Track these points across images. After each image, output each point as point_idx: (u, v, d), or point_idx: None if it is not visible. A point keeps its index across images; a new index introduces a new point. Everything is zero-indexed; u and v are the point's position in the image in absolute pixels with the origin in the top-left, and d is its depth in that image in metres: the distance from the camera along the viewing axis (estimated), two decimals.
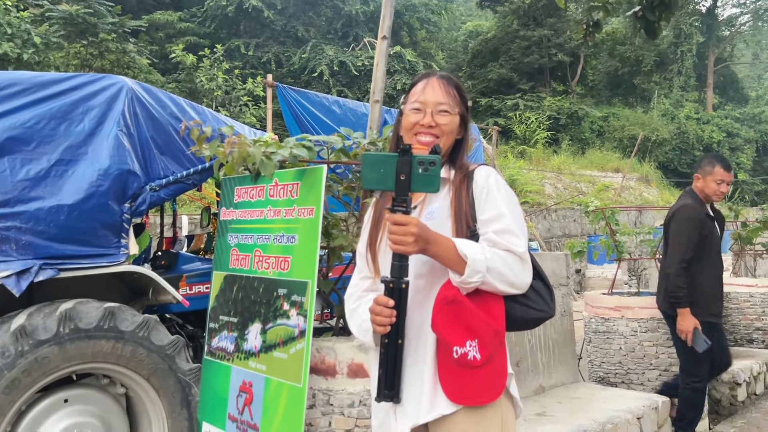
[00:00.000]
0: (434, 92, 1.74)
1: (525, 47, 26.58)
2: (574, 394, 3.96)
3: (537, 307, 1.66)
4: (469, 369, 1.55)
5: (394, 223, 1.50)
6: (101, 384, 3.24)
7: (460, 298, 1.57)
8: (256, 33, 22.66)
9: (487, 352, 1.55)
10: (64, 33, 13.97)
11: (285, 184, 2.61)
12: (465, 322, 1.56)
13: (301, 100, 7.22)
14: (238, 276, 2.84)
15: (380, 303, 1.54)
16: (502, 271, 1.57)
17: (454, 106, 1.74)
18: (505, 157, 19.58)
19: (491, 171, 1.73)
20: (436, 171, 1.48)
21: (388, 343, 1.54)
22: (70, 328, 2.94)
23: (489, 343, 1.56)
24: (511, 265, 1.58)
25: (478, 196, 1.67)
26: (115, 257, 3.25)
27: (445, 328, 1.56)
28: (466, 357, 1.54)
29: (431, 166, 1.47)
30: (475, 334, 1.55)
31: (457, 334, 1.55)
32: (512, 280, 1.58)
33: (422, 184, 1.48)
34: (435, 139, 1.71)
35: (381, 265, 1.71)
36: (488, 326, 1.56)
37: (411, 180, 1.48)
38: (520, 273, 1.60)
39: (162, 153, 3.49)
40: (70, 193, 3.09)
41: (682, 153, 26.22)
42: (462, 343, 1.55)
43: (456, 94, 1.76)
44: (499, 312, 1.60)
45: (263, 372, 2.54)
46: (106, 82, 3.40)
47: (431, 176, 1.48)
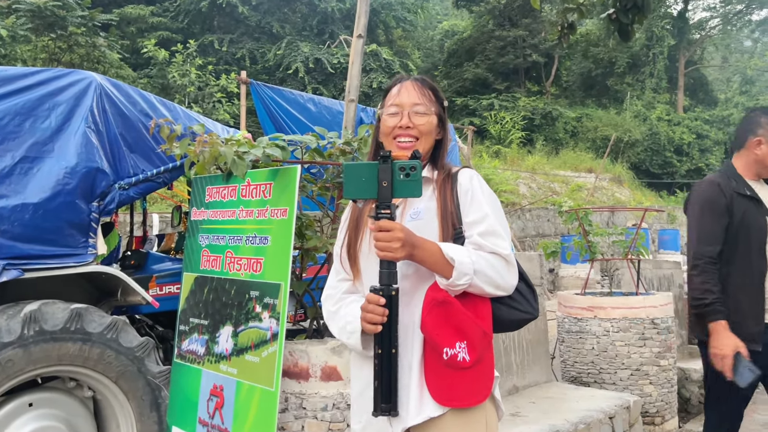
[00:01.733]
0: (409, 94, 1.74)
1: (500, 47, 26.73)
2: (547, 393, 3.98)
3: (521, 309, 1.67)
4: (458, 370, 1.55)
5: (380, 229, 1.50)
6: (67, 387, 3.16)
7: (449, 299, 1.57)
8: (230, 29, 22.43)
9: (476, 354, 1.56)
10: (32, 26, 13.65)
11: (258, 184, 2.56)
12: (454, 323, 1.56)
13: (276, 97, 7.15)
14: (209, 277, 2.78)
15: (371, 301, 1.53)
16: (489, 274, 1.57)
17: (430, 106, 1.74)
18: (480, 156, 19.68)
19: (474, 173, 1.74)
20: (417, 176, 1.49)
21: (382, 353, 1.52)
22: (35, 330, 2.86)
23: (478, 344, 1.57)
24: (497, 267, 1.59)
25: (463, 197, 1.67)
26: (83, 257, 3.17)
27: (434, 329, 1.56)
28: (455, 358, 1.54)
29: (412, 171, 1.48)
30: (465, 335, 1.56)
31: (447, 336, 1.55)
32: (498, 282, 1.59)
33: (405, 190, 1.49)
34: (414, 140, 1.71)
35: (363, 269, 1.71)
36: (477, 327, 1.57)
37: (393, 186, 1.49)
38: (506, 275, 1.60)
39: (132, 150, 3.42)
40: (35, 191, 3.01)
41: (654, 154, 26.62)
42: (452, 344, 1.55)
43: (431, 94, 1.76)
44: (487, 313, 1.61)
45: (234, 375, 2.49)
46: (74, 78, 3.32)
47: (413, 181, 1.48)
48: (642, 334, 4.38)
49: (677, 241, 15.39)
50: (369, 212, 1.67)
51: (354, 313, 1.65)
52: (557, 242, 5.67)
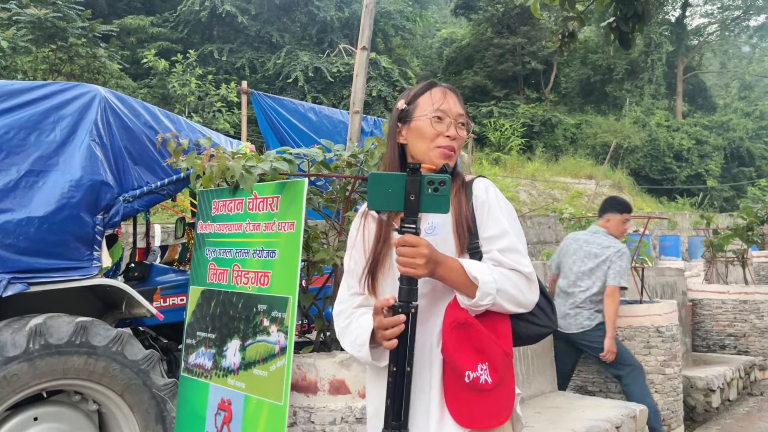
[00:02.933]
0: (455, 103, 1.69)
1: (499, 55, 26.81)
2: (552, 403, 3.97)
3: (540, 323, 1.64)
4: (479, 393, 1.50)
5: (404, 244, 1.44)
6: (73, 401, 3.15)
7: (470, 321, 1.52)
8: (229, 38, 22.49)
9: (498, 375, 1.51)
10: (33, 37, 13.69)
11: (265, 198, 2.56)
12: (475, 344, 1.51)
13: (277, 107, 7.17)
14: (216, 291, 2.78)
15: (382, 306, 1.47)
16: (511, 292, 1.53)
17: (466, 120, 1.71)
18: (480, 164, 19.72)
19: (489, 183, 1.68)
20: (446, 191, 1.42)
21: (397, 371, 1.45)
22: (40, 343, 2.85)
23: (500, 365, 1.52)
24: (519, 285, 1.54)
25: (479, 210, 1.62)
26: (88, 270, 3.17)
27: (455, 351, 1.51)
28: (477, 381, 1.50)
29: (441, 186, 1.42)
30: (486, 356, 1.51)
31: (468, 358, 1.50)
32: (520, 300, 1.55)
33: (432, 205, 1.43)
34: (452, 152, 1.65)
35: (380, 285, 1.64)
36: (499, 348, 1.53)
37: (420, 200, 1.42)
38: (527, 293, 1.56)
39: (136, 163, 3.42)
40: (40, 204, 3.00)
41: (654, 160, 26.66)
42: (473, 367, 1.50)
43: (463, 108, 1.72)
44: (507, 332, 1.57)
45: (242, 390, 2.48)
46: (79, 91, 3.32)
47: (441, 197, 1.42)
48: (647, 342, 4.37)
49: (678, 248, 15.38)
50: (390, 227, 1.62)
51: (364, 325, 1.59)
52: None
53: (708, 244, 6.82)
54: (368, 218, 1.72)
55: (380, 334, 1.48)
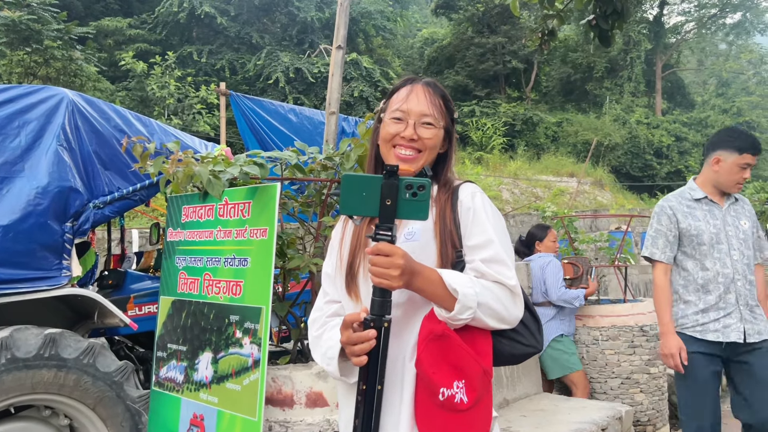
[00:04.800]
0: (419, 101, 1.55)
1: (480, 54, 26.86)
2: (537, 406, 3.92)
3: (525, 342, 1.51)
4: (454, 413, 1.38)
5: (378, 253, 1.33)
6: (43, 416, 3.04)
7: (448, 333, 1.40)
8: (209, 39, 22.30)
9: (475, 395, 1.40)
10: (7, 40, 13.44)
11: (236, 203, 2.47)
12: (452, 360, 1.40)
13: (256, 108, 7.06)
14: (186, 301, 2.68)
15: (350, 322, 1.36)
16: (493, 306, 1.41)
17: (439, 119, 1.56)
18: (462, 163, 19.70)
19: (476, 189, 1.56)
20: (425, 196, 1.31)
21: (367, 389, 1.34)
22: (6, 357, 2.75)
23: (478, 384, 1.41)
24: (502, 299, 1.42)
25: (464, 216, 1.51)
26: (57, 280, 3.06)
27: (431, 366, 1.39)
28: (452, 400, 1.38)
29: (420, 190, 1.31)
30: (463, 374, 1.39)
31: (444, 374, 1.39)
32: (503, 315, 1.43)
33: (410, 211, 1.32)
34: (416, 153, 1.54)
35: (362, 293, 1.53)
36: (477, 365, 1.41)
37: (397, 206, 1.31)
38: (511, 308, 1.44)
39: (106, 168, 3.32)
40: (5, 212, 2.90)
41: (634, 157, 26.86)
42: (449, 384, 1.38)
43: (442, 104, 1.58)
44: (487, 349, 1.45)
45: (215, 404, 2.39)
46: (45, 94, 3.21)
47: (420, 202, 1.31)
48: (631, 341, 4.34)
49: None
50: (366, 232, 1.50)
51: (335, 337, 1.47)
52: None
53: None
54: (350, 222, 1.62)
55: (349, 350, 1.37)
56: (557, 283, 4.42)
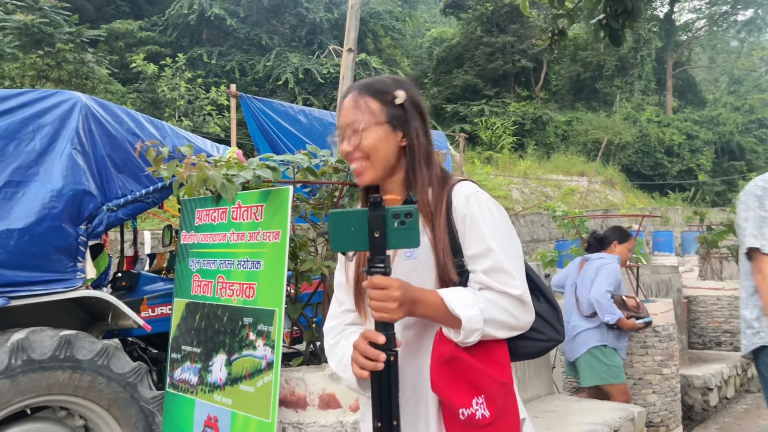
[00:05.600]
0: (343, 113, 1.48)
1: (489, 53, 26.80)
2: (549, 407, 3.91)
3: (544, 338, 1.47)
4: (478, 428, 1.36)
5: (374, 287, 1.28)
6: (58, 417, 3.07)
7: (459, 355, 1.37)
8: (218, 41, 22.39)
9: (495, 407, 1.37)
10: (19, 43, 13.56)
11: (249, 206, 2.49)
12: (468, 378, 1.37)
13: (266, 110, 7.08)
14: (200, 303, 2.70)
15: (368, 337, 1.31)
16: (501, 320, 1.37)
17: (368, 118, 1.45)
18: (472, 163, 19.68)
19: (470, 190, 1.46)
20: (413, 223, 1.28)
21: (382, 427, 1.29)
22: (22, 359, 2.78)
23: (497, 397, 1.37)
24: (509, 310, 1.38)
25: (460, 225, 1.44)
26: (71, 282, 3.10)
27: (446, 389, 1.37)
28: (474, 417, 1.36)
29: (408, 218, 1.27)
30: (480, 390, 1.37)
31: (461, 394, 1.37)
32: (513, 325, 1.39)
33: (400, 240, 1.28)
34: (365, 161, 1.46)
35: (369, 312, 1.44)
36: (492, 380, 1.38)
37: (387, 236, 1.28)
38: (521, 316, 1.39)
39: (119, 171, 3.35)
40: (20, 216, 2.94)
41: (645, 156, 26.70)
42: (467, 403, 1.36)
43: (371, 101, 1.47)
44: (504, 359, 1.41)
45: (229, 406, 2.41)
46: (59, 98, 3.25)
47: (409, 230, 1.28)
48: (644, 342, 4.32)
49: (671, 243, 15.36)
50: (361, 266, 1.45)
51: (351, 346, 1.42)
52: (554, 251, 5.61)
53: (702, 241, 6.79)
54: None
55: (354, 354, 1.34)
56: (605, 284, 4.14)
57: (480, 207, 1.44)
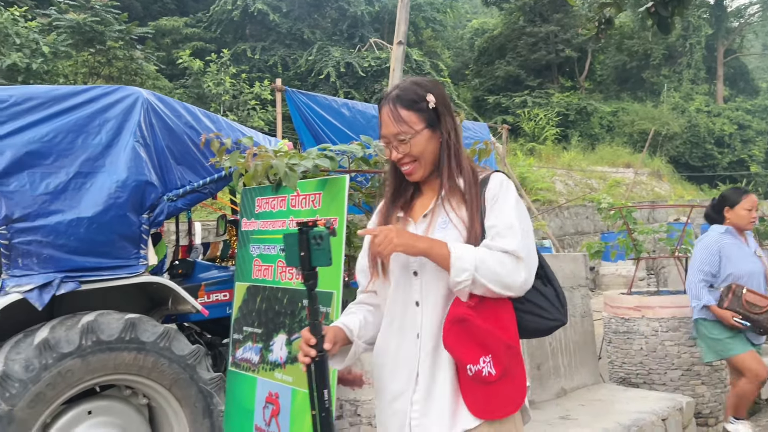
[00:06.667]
0: (386, 125, 1.70)
1: (532, 44, 26.48)
2: (596, 396, 3.93)
3: (550, 317, 1.64)
4: (484, 385, 1.54)
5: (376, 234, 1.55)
6: (124, 395, 3.24)
7: (467, 317, 1.55)
8: (261, 36, 22.69)
9: (501, 367, 1.54)
10: (72, 42, 14.02)
11: (307, 194, 2.59)
12: (477, 338, 1.54)
13: (311, 103, 7.20)
14: (261, 287, 2.82)
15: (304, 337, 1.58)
16: (494, 269, 1.53)
17: (411, 127, 1.67)
18: (514, 154, 19.50)
19: (503, 178, 1.69)
20: (325, 245, 1.53)
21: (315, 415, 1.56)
22: (92, 340, 2.94)
23: (503, 357, 1.55)
24: (504, 262, 1.54)
25: (489, 202, 1.65)
26: (135, 268, 3.25)
27: (456, 346, 1.56)
28: (481, 374, 1.53)
29: (320, 240, 1.53)
30: (488, 349, 1.54)
31: (470, 352, 1.54)
32: (506, 280, 1.55)
33: (317, 259, 1.54)
34: (413, 163, 1.69)
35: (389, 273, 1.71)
36: (500, 341, 1.55)
37: (311, 255, 1.54)
38: (513, 271, 1.55)
39: (178, 163, 3.49)
40: (89, 205, 3.09)
41: (694, 146, 26.02)
42: (475, 360, 1.54)
43: (407, 113, 1.67)
44: (510, 323, 1.58)
45: (289, 383, 2.52)
46: (122, 94, 3.40)
47: (322, 250, 1.52)
48: (691, 333, 4.28)
49: None
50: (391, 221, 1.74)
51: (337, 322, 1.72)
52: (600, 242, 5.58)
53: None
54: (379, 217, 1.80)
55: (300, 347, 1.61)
56: (696, 263, 3.96)
57: (507, 190, 1.66)
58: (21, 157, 2.97)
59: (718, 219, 4.16)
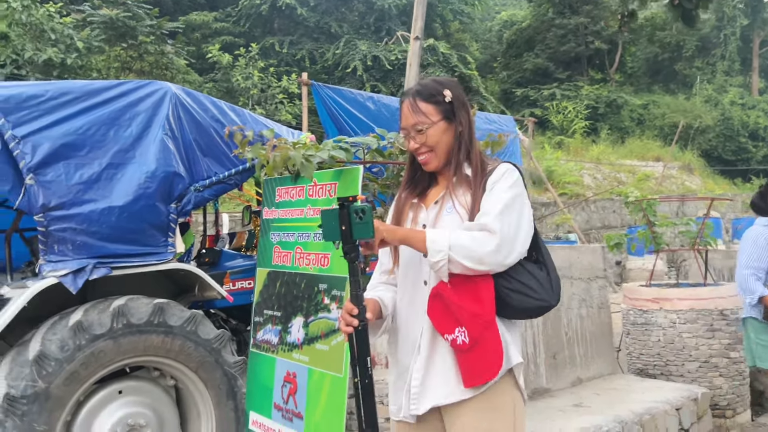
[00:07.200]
0: (405, 117, 1.84)
1: (561, 36, 26.20)
2: (611, 385, 3.98)
3: (536, 297, 1.72)
4: (460, 352, 1.69)
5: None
6: (152, 376, 3.40)
7: (443, 291, 1.71)
8: (289, 30, 22.87)
9: (473, 337, 1.67)
10: (105, 37, 14.35)
11: (323, 184, 2.71)
12: (453, 311, 1.69)
13: (336, 97, 7.29)
14: (280, 272, 2.95)
15: (347, 308, 1.70)
16: (466, 245, 1.65)
17: (428, 119, 1.80)
18: (542, 148, 19.38)
19: (509, 168, 1.79)
20: (368, 218, 1.64)
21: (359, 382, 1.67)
22: (122, 323, 3.09)
23: (474, 328, 1.68)
24: (476, 237, 1.66)
25: (489, 188, 1.76)
26: (163, 255, 3.40)
27: (435, 317, 1.72)
28: (455, 342, 1.69)
29: (363, 214, 1.63)
30: (461, 322, 1.69)
31: (446, 323, 1.70)
32: (477, 253, 1.65)
33: (360, 232, 1.64)
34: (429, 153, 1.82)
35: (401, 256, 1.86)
36: (467, 313, 1.68)
37: (351, 229, 1.64)
38: (484, 243, 1.65)
39: (205, 155, 3.63)
40: (120, 195, 3.24)
41: (727, 140, 25.49)
42: (451, 330, 1.69)
43: (425, 105, 1.81)
44: (488, 297, 1.69)
45: (306, 363, 2.65)
46: (152, 88, 3.55)
47: (365, 223, 1.63)
48: (710, 325, 4.30)
49: None
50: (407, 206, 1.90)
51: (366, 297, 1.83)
52: (621, 234, 5.58)
53: None
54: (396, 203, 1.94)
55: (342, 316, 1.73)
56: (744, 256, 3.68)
57: (506, 179, 1.76)
58: (57, 149, 3.12)
59: (766, 208, 3.93)
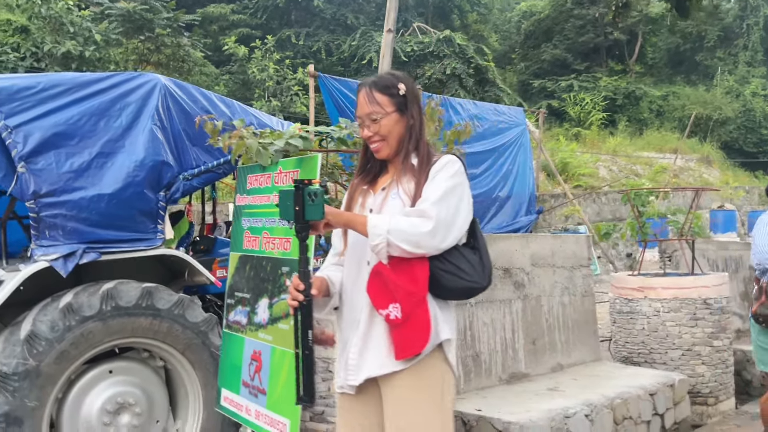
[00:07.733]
0: (361, 106, 1.94)
1: (580, 26, 25.94)
2: (592, 372, 4.04)
3: (468, 279, 1.84)
4: (394, 327, 1.81)
5: None
6: (142, 357, 3.55)
7: (381, 270, 1.84)
8: (306, 22, 22.98)
9: (405, 313, 1.79)
10: (123, 29, 14.61)
11: (287, 172, 2.82)
12: (389, 288, 1.81)
13: (342, 88, 7.39)
14: (250, 256, 3.08)
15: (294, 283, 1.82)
16: (404, 229, 1.76)
17: (383, 109, 1.90)
18: (557, 140, 19.26)
19: (451, 159, 1.91)
20: (320, 201, 1.73)
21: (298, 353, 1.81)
22: (111, 305, 3.24)
23: (407, 304, 1.79)
24: (414, 223, 1.77)
25: (431, 177, 1.86)
26: (152, 242, 3.54)
27: (372, 294, 1.84)
28: (389, 317, 1.80)
29: (315, 197, 1.73)
30: (396, 298, 1.80)
31: (382, 299, 1.81)
32: (416, 238, 1.77)
33: (311, 213, 1.73)
34: (381, 141, 1.92)
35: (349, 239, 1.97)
36: (402, 290, 1.79)
37: (305, 210, 1.73)
38: (422, 230, 1.76)
39: (193, 144, 3.76)
40: (109, 183, 3.38)
41: (748, 131, 25.07)
42: (385, 305, 1.81)
43: (380, 96, 1.91)
44: (422, 277, 1.80)
45: (270, 342, 2.78)
46: (141, 80, 3.68)
47: (317, 205, 1.73)
48: (693, 314, 4.34)
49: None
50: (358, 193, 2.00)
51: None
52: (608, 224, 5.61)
53: None
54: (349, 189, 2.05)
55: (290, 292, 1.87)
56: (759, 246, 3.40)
57: (447, 169, 1.88)
58: (48, 138, 3.27)
59: None
